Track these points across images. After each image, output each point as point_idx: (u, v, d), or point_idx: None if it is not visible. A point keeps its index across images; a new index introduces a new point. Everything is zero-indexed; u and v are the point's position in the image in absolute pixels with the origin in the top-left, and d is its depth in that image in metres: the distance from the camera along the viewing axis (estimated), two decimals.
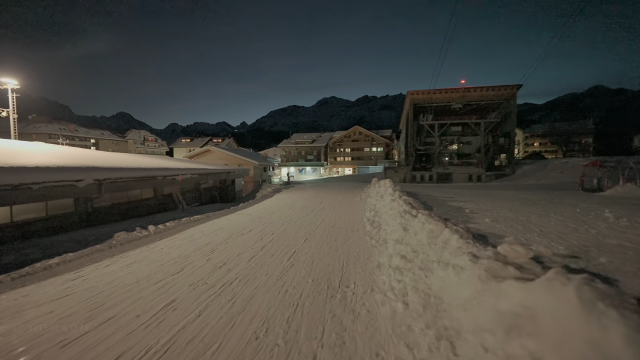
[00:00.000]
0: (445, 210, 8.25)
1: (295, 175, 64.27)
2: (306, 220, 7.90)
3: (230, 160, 34.69)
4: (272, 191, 18.97)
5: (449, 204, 9.95)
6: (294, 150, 69.12)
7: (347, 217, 8.17)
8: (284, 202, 12.84)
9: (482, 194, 15.51)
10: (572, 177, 28.82)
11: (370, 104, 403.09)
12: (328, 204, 11.74)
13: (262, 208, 11.27)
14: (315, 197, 14.52)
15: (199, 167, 17.98)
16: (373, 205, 9.43)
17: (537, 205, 9.40)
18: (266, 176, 42.11)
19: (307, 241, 5.45)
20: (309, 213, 9.34)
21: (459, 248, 2.95)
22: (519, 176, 34.65)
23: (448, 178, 38.76)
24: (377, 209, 8.26)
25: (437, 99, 38.86)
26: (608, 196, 14.08)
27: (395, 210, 6.43)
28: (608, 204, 10.65)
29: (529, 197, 13.65)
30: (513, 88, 36.27)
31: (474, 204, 10.06)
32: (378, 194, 10.95)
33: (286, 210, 10.16)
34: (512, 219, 6.59)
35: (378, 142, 64.56)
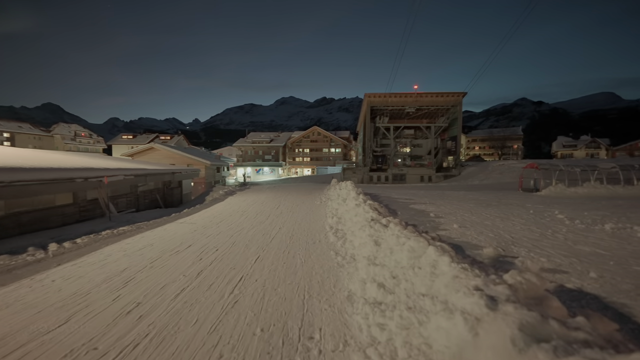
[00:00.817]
0: (410, 214, 7.85)
1: (253, 176, 61.69)
2: (260, 230, 6.82)
3: (178, 159, 31.53)
4: (225, 194, 17.30)
5: (411, 207, 9.67)
6: (251, 149, 66.39)
7: (307, 225, 7.28)
8: (237, 207, 11.51)
9: (437, 195, 15.86)
10: (509, 178, 31.81)
11: (328, 105, 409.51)
12: (286, 208, 10.74)
13: (210, 214, 9.83)
14: (273, 200, 13.41)
15: (136, 167, 15.58)
16: (335, 209, 8.70)
17: (493, 207, 9.57)
18: (220, 177, 39.37)
19: (260, 260, 4.42)
20: (264, 220, 8.25)
21: (457, 278, 2.24)
22: (464, 177, 37.35)
23: (402, 179, 40.28)
24: (340, 215, 7.52)
25: (392, 102, 40.17)
26: (544, 195, 15.35)
27: (361, 218, 5.71)
28: (549, 203, 11.40)
29: (479, 197, 14.24)
30: (459, 95, 39.06)
31: (435, 206, 9.94)
32: (339, 197, 10.27)
33: (238, 217, 8.92)
34: (478, 223, 6.35)
35: (336, 143, 65.07)
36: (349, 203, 7.55)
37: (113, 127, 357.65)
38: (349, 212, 6.88)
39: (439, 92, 39.77)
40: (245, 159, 65.79)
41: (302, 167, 64.98)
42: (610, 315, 2.33)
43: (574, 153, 71.43)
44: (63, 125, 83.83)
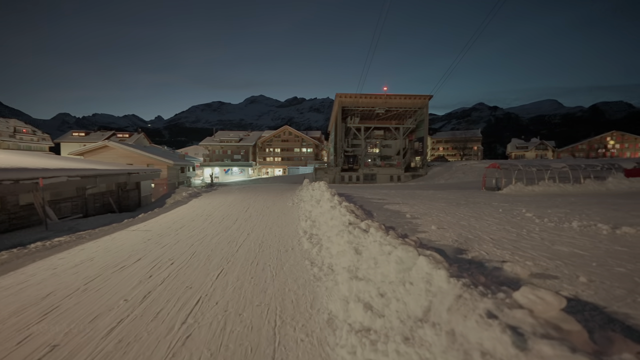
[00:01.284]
0: (385, 215, 7.60)
1: (221, 177, 59.18)
2: (226, 237, 6.12)
3: (137, 158, 29.05)
4: (189, 196, 16.04)
5: (385, 208, 9.48)
6: (219, 149, 63.70)
7: (278, 230, 6.70)
8: (201, 210, 10.56)
9: (408, 195, 16.02)
10: (472, 177, 33.58)
11: (299, 105, 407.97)
12: (256, 210, 10.04)
13: (170, 219, 8.85)
14: (241, 202, 12.58)
15: (84, 166, 13.85)
16: (308, 212, 8.21)
17: (464, 206, 9.70)
18: (184, 178, 37.08)
19: (223, 275, 3.79)
20: (230, 225, 7.52)
21: (461, 298, 1.86)
22: (431, 176, 38.83)
23: (373, 178, 40.95)
24: (314, 218, 7.05)
25: (362, 103, 40.64)
26: (505, 194, 16.16)
27: (337, 221, 5.28)
28: (512, 201, 11.90)
29: (448, 196, 14.58)
30: (425, 98, 40.54)
31: (408, 206, 9.86)
32: (313, 198, 9.80)
33: (201, 222, 8.08)
34: (455, 224, 6.23)
35: (308, 143, 64.66)
36: (323, 205, 7.10)
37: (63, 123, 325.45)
38: (323, 215, 6.43)
39: (407, 95, 40.99)
40: (212, 158, 62.93)
41: (273, 167, 63.66)
42: (619, 329, 2.10)
43: (526, 154, 77.90)
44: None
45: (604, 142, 70.14)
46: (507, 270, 3.28)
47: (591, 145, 71.48)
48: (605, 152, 68.39)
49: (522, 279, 3.07)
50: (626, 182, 17.01)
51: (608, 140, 69.84)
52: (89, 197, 14.02)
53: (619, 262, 3.55)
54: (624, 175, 17.38)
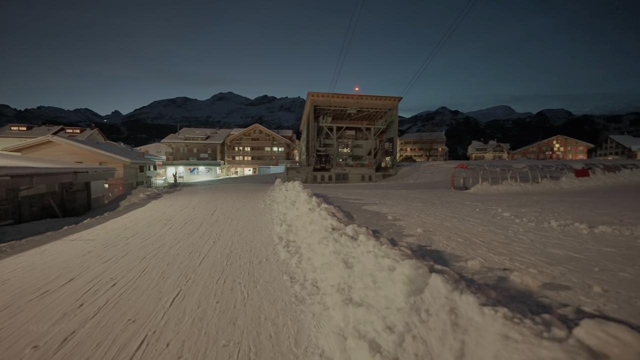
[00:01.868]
0: (366, 217, 7.16)
1: (186, 176, 55.82)
2: (187, 246, 5.25)
3: (87, 156, 26.08)
4: (147, 197, 14.48)
5: (364, 208, 9.08)
6: (184, 147, 60.09)
7: (249, 236, 5.94)
8: (160, 213, 9.38)
9: (383, 194, 15.91)
10: (439, 177, 34.86)
11: (270, 104, 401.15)
12: (224, 213, 9.11)
13: (121, 225, 7.64)
14: (207, 204, 11.50)
15: (17, 164, 11.80)
16: (283, 214, 7.52)
17: (440, 206, 9.61)
18: (144, 177, 34.20)
19: (179, 300, 3.01)
20: (194, 231, 6.59)
21: (510, 340, 1.35)
22: (400, 176, 39.77)
23: (345, 178, 41.01)
24: (290, 221, 6.38)
25: (335, 102, 40.51)
26: (473, 193, 16.68)
27: (318, 226, 4.69)
28: (483, 200, 12.16)
29: (421, 196, 14.66)
30: (395, 99, 41.45)
31: (386, 206, 9.56)
32: (287, 199, 9.11)
33: (159, 228, 7.03)
34: (439, 225, 5.94)
35: (279, 142, 63.31)
36: (300, 207, 6.46)
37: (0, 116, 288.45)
38: (301, 219, 5.80)
39: (378, 96, 41.60)
40: (176, 157, 59.18)
41: (242, 167, 61.44)
42: None
43: (485, 155, 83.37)
44: None
45: (550, 145, 77.32)
46: (516, 281, 2.91)
47: (540, 147, 78.44)
48: (552, 154, 75.42)
49: (535, 292, 2.71)
50: (576, 182, 18.44)
51: (554, 143, 77.13)
52: (24, 199, 12.00)
53: (618, 266, 3.37)
54: (575, 175, 18.84)
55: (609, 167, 19.62)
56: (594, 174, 19.17)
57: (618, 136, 76.21)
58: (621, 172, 19.65)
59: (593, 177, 19.06)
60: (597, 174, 19.20)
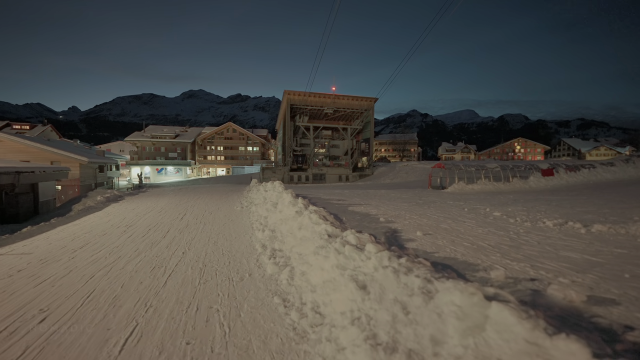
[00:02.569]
0: (356, 219, 6.61)
1: (153, 177, 52.31)
2: (149, 259, 4.34)
3: (36, 154, 23.19)
4: (106, 200, 12.91)
5: (350, 209, 8.55)
6: (150, 145, 56.34)
7: (226, 244, 5.13)
8: (119, 219, 8.17)
9: (363, 194, 15.57)
10: (414, 177, 35.54)
11: (243, 103, 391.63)
12: (195, 217, 8.12)
13: (70, 234, 6.44)
14: (176, 207, 10.36)
15: None
16: (263, 217, 6.74)
17: (426, 206, 9.35)
18: (104, 178, 31.32)
19: (133, 342, 2.21)
20: (159, 239, 5.63)
21: None
22: (377, 176, 40.11)
23: (322, 178, 40.59)
24: (274, 226, 5.65)
25: (311, 101, 39.93)
26: (451, 192, 16.87)
27: (309, 232, 4.03)
28: (464, 199, 12.16)
29: (402, 196, 14.49)
30: (371, 100, 41.76)
31: (373, 207, 9.11)
32: (267, 200, 8.33)
33: (116, 237, 5.97)
34: (436, 227, 5.53)
35: (254, 142, 61.47)
36: (284, 210, 5.75)
37: None
38: (286, 223, 5.09)
39: (355, 96, 41.64)
40: (142, 156, 55.29)
41: (215, 167, 58.85)
42: None
43: (454, 156, 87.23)
44: None
45: (512, 147, 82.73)
46: (556, 295, 2.46)
47: (503, 149, 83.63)
48: (514, 155, 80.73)
49: (583, 309, 2.27)
50: (543, 181, 19.39)
51: (515, 145, 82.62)
52: None
53: None
54: (541, 175, 19.82)
55: (570, 167, 20.92)
56: (558, 173, 20.32)
57: (569, 139, 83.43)
58: (580, 171, 21.05)
59: (557, 177, 20.19)
60: (560, 174, 20.38)
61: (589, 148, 75.16)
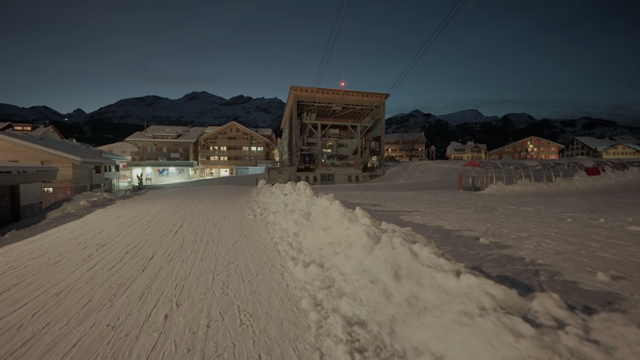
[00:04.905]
0: (427, 233, 4.49)
1: (154, 178, 50.47)
2: (113, 316, 2.23)
3: (25, 153, 21.29)
4: (91, 204, 10.87)
5: (406, 220, 6.41)
6: (152, 146, 54.58)
7: (244, 290, 3.00)
8: (94, 233, 6.08)
9: (390, 197, 13.42)
10: (431, 177, 33.27)
11: (245, 104, 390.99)
12: (194, 231, 6.01)
13: (8, 260, 4.37)
14: (172, 215, 8.26)
15: None
16: (292, 235, 4.61)
17: (501, 215, 7.17)
18: (101, 179, 29.42)
19: None
20: (132, 277, 3.53)
21: None
22: (389, 176, 37.85)
23: (330, 179, 38.41)
24: (320, 255, 3.50)
25: (319, 98, 37.83)
26: (492, 194, 14.65)
27: (436, 293, 1.87)
28: (529, 203, 9.98)
29: (439, 198, 12.33)
30: (382, 96, 39.57)
31: (434, 217, 6.94)
32: (290, 207, 6.20)
33: (70, 269, 3.87)
34: (600, 259, 3.40)
35: (258, 141, 59.48)
36: (334, 227, 3.60)
37: None
38: (349, 255, 2.95)
39: (365, 92, 39.49)
40: (143, 157, 53.52)
41: (218, 168, 56.92)
42: None
43: (463, 156, 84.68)
44: None
45: (525, 146, 79.92)
46: None
47: (515, 148, 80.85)
48: (526, 154, 77.92)
49: None
50: (589, 180, 17.08)
51: (528, 144, 79.80)
52: None
53: None
54: (586, 174, 17.53)
55: (617, 165, 18.63)
56: (604, 172, 18.04)
57: (583, 138, 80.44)
58: (629, 170, 18.74)
59: (604, 176, 17.90)
60: (607, 172, 18.09)
61: (606, 147, 72.22)
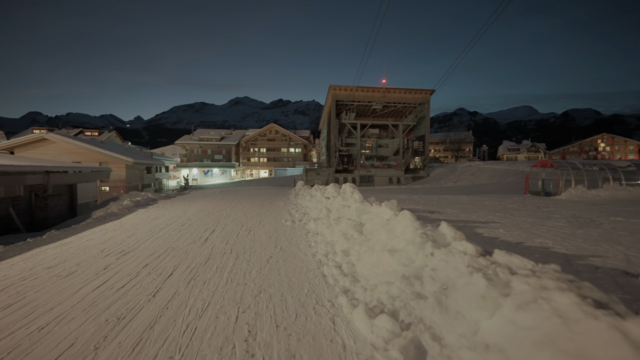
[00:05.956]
0: (533, 256, 3.15)
1: (200, 179, 53.24)
2: None
3: (86, 155, 23.28)
4: (134, 204, 10.98)
5: (476, 232, 5.00)
6: (198, 148, 57.71)
7: (278, 330, 2.02)
8: (124, 237, 5.64)
9: (443, 201, 11.71)
10: (484, 179, 29.97)
11: (284, 107, 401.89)
12: (225, 239, 5.26)
13: (23, 268, 3.95)
14: (206, 218, 7.73)
15: None
16: (340, 252, 3.53)
17: (597, 228, 5.38)
18: (152, 179, 31.34)
19: None
20: (140, 304, 2.76)
21: None
22: (435, 178, 35.02)
23: (370, 180, 36.73)
24: (360, 267, 2.38)
25: (359, 96, 36.45)
26: (569, 200, 12.16)
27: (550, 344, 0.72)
28: (618, 212, 7.78)
29: (507, 205, 10.35)
30: (427, 92, 36.86)
31: (502, 226, 5.44)
32: (335, 215, 5.13)
33: (80, 283, 3.25)
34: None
35: (296, 143, 59.80)
36: (391, 241, 2.45)
37: (33, 122, 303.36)
38: (419, 283, 1.79)
39: (407, 89, 37.16)
40: (190, 158, 56.84)
41: (258, 169, 58.30)
42: None
43: (517, 156, 76.58)
44: None
45: (594, 145, 69.54)
46: None
47: (582, 147, 70.81)
48: (595, 154, 67.73)
49: None
50: None
51: (599, 142, 69.32)
52: None
53: None
54: None
55: None
56: None
57: None
58: None
59: None
60: None
61: None
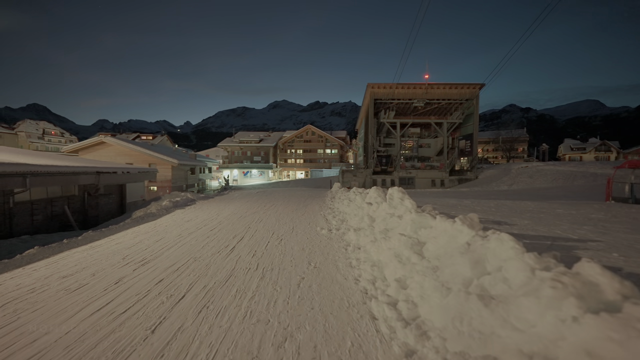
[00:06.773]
0: None
1: (240, 179, 55.17)
2: None
3: (137, 157, 25.04)
4: (173, 205, 11.10)
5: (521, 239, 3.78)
6: (238, 150, 59.92)
7: None
8: (152, 241, 5.33)
9: (491, 207, 10.03)
10: (544, 182, 26.40)
11: (321, 109, 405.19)
12: (252, 248, 4.64)
13: (71, 262, 3.69)
14: (239, 221, 7.27)
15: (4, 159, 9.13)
16: (393, 282, 2.65)
17: None
18: (195, 180, 32.88)
19: None
20: (162, 311, 2.16)
21: None
22: (484, 181, 31.77)
23: (410, 182, 34.54)
24: (426, 310, 1.45)
25: (399, 94, 34.53)
26: None
27: None
28: None
29: (580, 212, 8.45)
30: (475, 87, 33.71)
31: (587, 246, 4.06)
32: (376, 224, 4.21)
33: (86, 299, 2.80)
34: None
35: (332, 144, 59.17)
36: (480, 279, 1.50)
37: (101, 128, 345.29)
38: None
39: (453, 84, 34.33)
40: (231, 160, 59.23)
41: (294, 170, 58.79)
42: None
43: (583, 156, 67.45)
44: (29, 123, 75.92)
45: None
46: None
47: None
48: None
49: None
50: None
51: None
52: (20, 206, 9.37)
53: None
54: None
55: None
56: None
57: None
58: None
59: None
60: None
61: None
